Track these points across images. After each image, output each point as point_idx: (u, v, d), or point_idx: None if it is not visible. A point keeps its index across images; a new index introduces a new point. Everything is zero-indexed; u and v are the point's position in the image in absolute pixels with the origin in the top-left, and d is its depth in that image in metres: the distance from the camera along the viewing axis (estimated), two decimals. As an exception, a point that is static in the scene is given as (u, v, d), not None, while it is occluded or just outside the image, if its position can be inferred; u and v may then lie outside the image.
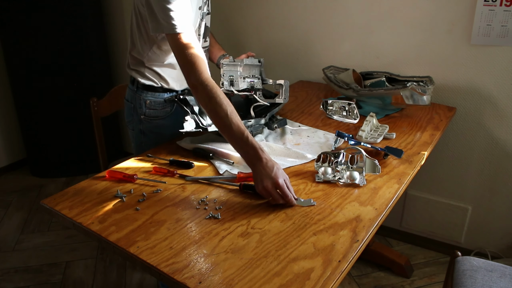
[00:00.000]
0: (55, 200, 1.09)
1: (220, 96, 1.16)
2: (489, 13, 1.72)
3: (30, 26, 2.57)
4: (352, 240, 0.94)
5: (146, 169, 1.26)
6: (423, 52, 1.92)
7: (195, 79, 1.19)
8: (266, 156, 1.11)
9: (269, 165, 1.10)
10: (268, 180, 1.08)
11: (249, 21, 2.34)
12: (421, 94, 1.60)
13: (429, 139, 1.48)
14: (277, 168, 1.10)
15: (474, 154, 1.97)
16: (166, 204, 1.08)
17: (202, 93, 1.18)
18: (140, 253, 0.90)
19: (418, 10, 1.88)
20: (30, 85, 2.73)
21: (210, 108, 1.18)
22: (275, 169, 1.09)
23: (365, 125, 1.47)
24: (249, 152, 1.12)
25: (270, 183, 1.07)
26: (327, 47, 2.16)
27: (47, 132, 2.85)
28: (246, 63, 1.49)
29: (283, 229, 0.98)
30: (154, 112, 1.49)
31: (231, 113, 1.15)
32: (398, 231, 2.27)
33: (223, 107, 1.15)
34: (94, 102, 1.89)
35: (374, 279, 2.00)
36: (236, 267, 0.86)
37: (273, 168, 1.09)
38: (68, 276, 2.06)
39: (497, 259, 1.99)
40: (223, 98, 1.17)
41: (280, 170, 1.11)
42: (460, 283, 1.28)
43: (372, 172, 1.20)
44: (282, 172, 1.11)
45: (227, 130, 1.15)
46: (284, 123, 1.52)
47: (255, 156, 1.11)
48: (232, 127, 1.14)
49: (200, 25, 1.45)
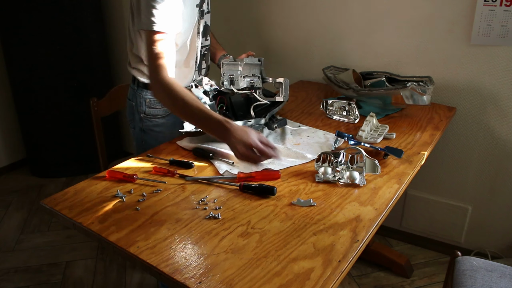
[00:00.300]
0: (55, 200, 1.09)
1: (176, 89, 1.18)
2: (489, 13, 1.72)
3: (30, 26, 2.57)
4: (352, 240, 0.94)
5: (146, 169, 1.26)
6: (423, 52, 1.93)
7: (155, 78, 1.21)
8: (233, 125, 1.12)
9: (238, 131, 1.10)
10: (241, 145, 1.09)
11: (249, 21, 2.34)
12: (421, 94, 1.60)
13: (429, 139, 1.48)
14: (247, 132, 1.10)
15: (474, 154, 1.97)
16: (166, 204, 1.08)
17: (161, 92, 1.21)
18: (140, 253, 0.90)
19: (418, 10, 1.88)
20: (30, 85, 2.73)
21: (168, 104, 1.21)
22: (245, 132, 1.10)
23: (365, 125, 1.47)
24: (216, 128, 1.14)
25: (244, 147, 1.08)
26: (327, 47, 2.16)
27: (47, 132, 2.85)
28: (246, 62, 1.49)
29: (283, 229, 0.98)
30: (154, 111, 1.50)
31: (188, 100, 1.16)
32: (398, 231, 2.27)
33: (179, 97, 1.17)
34: (94, 102, 1.89)
35: (374, 279, 2.00)
36: (236, 267, 0.86)
37: (243, 133, 1.10)
38: (68, 276, 2.06)
39: (497, 259, 1.99)
40: (179, 90, 1.18)
41: (251, 131, 1.11)
42: (460, 283, 1.28)
43: (372, 172, 1.20)
44: (253, 133, 1.11)
45: (190, 117, 1.18)
46: (284, 123, 1.52)
47: (223, 129, 1.12)
48: (193, 112, 1.16)
49: (199, 23, 1.45)
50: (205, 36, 1.52)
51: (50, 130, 2.85)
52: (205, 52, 1.56)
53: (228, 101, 1.53)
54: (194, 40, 1.46)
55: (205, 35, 1.52)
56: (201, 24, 1.46)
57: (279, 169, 1.24)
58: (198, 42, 1.48)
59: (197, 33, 1.46)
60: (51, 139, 2.88)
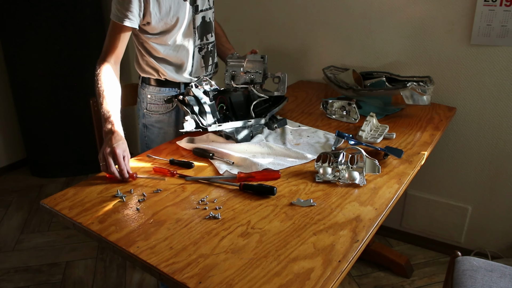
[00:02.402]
0: (55, 200, 1.09)
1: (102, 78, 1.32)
2: (489, 13, 1.72)
3: (30, 26, 2.57)
4: (352, 240, 0.94)
5: (146, 169, 1.26)
6: (423, 52, 1.93)
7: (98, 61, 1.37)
8: (118, 133, 1.22)
9: (116, 138, 1.21)
10: (108, 147, 1.18)
11: (249, 21, 2.34)
12: (421, 94, 1.60)
13: (429, 139, 1.48)
14: (122, 143, 1.20)
15: (474, 154, 1.97)
16: (166, 204, 1.08)
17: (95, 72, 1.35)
18: (140, 253, 0.90)
19: (418, 10, 1.88)
20: (30, 85, 2.73)
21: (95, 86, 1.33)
22: (120, 143, 1.19)
23: (365, 125, 1.47)
24: (106, 127, 1.25)
25: (109, 150, 1.17)
26: (327, 47, 2.16)
27: (47, 132, 2.85)
28: (248, 59, 1.49)
29: (283, 229, 0.98)
30: (155, 107, 1.53)
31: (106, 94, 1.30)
32: (398, 231, 2.27)
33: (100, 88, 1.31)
34: (94, 102, 1.89)
35: (374, 279, 2.00)
36: (236, 267, 0.86)
37: (119, 142, 1.20)
38: (68, 276, 2.06)
39: (497, 259, 1.99)
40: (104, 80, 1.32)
41: (124, 145, 1.21)
42: (460, 283, 1.28)
43: (372, 172, 1.20)
44: (125, 148, 1.20)
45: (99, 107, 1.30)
46: (284, 123, 1.52)
47: (110, 131, 1.23)
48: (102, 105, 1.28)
49: (194, 19, 1.46)
50: (206, 33, 1.52)
51: (50, 130, 2.85)
52: (211, 49, 1.57)
53: (228, 101, 1.53)
54: (188, 36, 1.48)
55: (206, 32, 1.52)
56: (197, 19, 1.47)
57: (279, 169, 1.24)
58: (194, 38, 1.49)
59: (193, 28, 1.47)
60: (51, 139, 2.88)
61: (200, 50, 1.53)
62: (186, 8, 1.42)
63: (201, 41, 1.52)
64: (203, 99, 1.40)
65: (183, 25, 1.43)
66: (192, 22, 1.47)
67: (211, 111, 1.41)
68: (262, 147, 1.36)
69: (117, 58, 1.39)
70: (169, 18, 1.39)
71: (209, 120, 1.39)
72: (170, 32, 1.42)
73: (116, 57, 1.38)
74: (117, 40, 1.36)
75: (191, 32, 1.48)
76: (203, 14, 1.50)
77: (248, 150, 1.35)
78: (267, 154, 1.34)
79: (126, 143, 1.22)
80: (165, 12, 1.37)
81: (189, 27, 1.46)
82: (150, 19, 1.36)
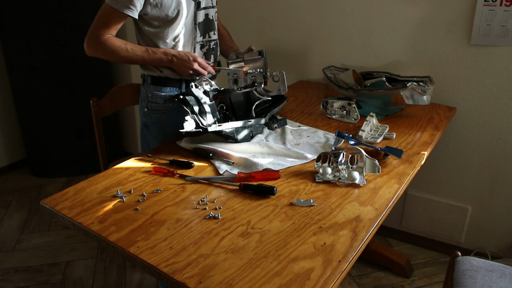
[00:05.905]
0: (55, 200, 1.09)
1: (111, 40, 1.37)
2: (489, 13, 1.72)
3: (30, 26, 2.57)
4: (352, 240, 0.94)
5: (146, 169, 1.26)
6: (423, 52, 1.93)
7: (92, 36, 1.39)
8: (174, 51, 1.41)
9: (181, 54, 1.41)
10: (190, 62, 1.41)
11: (249, 21, 2.34)
12: (421, 94, 1.60)
13: (429, 139, 1.48)
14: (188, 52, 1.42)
15: (474, 154, 1.97)
16: (166, 204, 1.08)
17: (97, 49, 1.39)
18: (140, 253, 0.90)
19: (418, 10, 1.88)
20: (30, 85, 2.73)
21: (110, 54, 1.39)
22: (188, 53, 1.41)
23: (365, 125, 1.47)
24: (162, 58, 1.41)
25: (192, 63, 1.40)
26: (327, 47, 2.16)
27: (47, 132, 2.85)
28: (246, 59, 1.49)
29: (283, 229, 0.98)
30: (156, 106, 1.53)
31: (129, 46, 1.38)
32: (398, 231, 2.27)
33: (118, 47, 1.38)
34: (94, 102, 1.89)
35: (374, 279, 2.00)
36: (236, 267, 0.86)
37: (187, 53, 1.41)
38: (68, 276, 2.06)
39: (497, 259, 1.99)
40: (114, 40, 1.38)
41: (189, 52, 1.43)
42: (460, 283, 1.28)
43: (372, 172, 1.20)
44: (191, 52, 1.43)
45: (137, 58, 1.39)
46: (284, 123, 1.52)
47: (169, 55, 1.40)
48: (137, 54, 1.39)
49: (196, 15, 1.46)
50: (208, 31, 1.53)
51: (50, 130, 2.85)
52: (214, 47, 1.58)
53: (228, 101, 1.53)
54: (190, 31, 1.48)
55: (209, 29, 1.53)
56: (198, 16, 1.47)
57: (279, 169, 1.24)
58: (196, 34, 1.49)
59: (194, 24, 1.48)
60: (51, 139, 2.88)
61: (202, 47, 1.54)
62: (188, 2, 1.43)
63: (203, 38, 1.53)
64: (203, 99, 1.40)
65: (183, 18, 1.44)
66: (193, 18, 1.47)
67: (211, 111, 1.41)
68: (262, 147, 1.36)
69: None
70: (170, 10, 1.39)
71: (209, 120, 1.39)
72: (171, 26, 1.42)
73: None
74: (112, 29, 1.39)
75: (192, 28, 1.48)
76: (206, 11, 1.50)
77: (248, 150, 1.35)
78: (267, 154, 1.34)
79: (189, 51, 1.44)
80: (167, 4, 1.38)
81: (191, 23, 1.47)
82: (150, 9, 1.37)
